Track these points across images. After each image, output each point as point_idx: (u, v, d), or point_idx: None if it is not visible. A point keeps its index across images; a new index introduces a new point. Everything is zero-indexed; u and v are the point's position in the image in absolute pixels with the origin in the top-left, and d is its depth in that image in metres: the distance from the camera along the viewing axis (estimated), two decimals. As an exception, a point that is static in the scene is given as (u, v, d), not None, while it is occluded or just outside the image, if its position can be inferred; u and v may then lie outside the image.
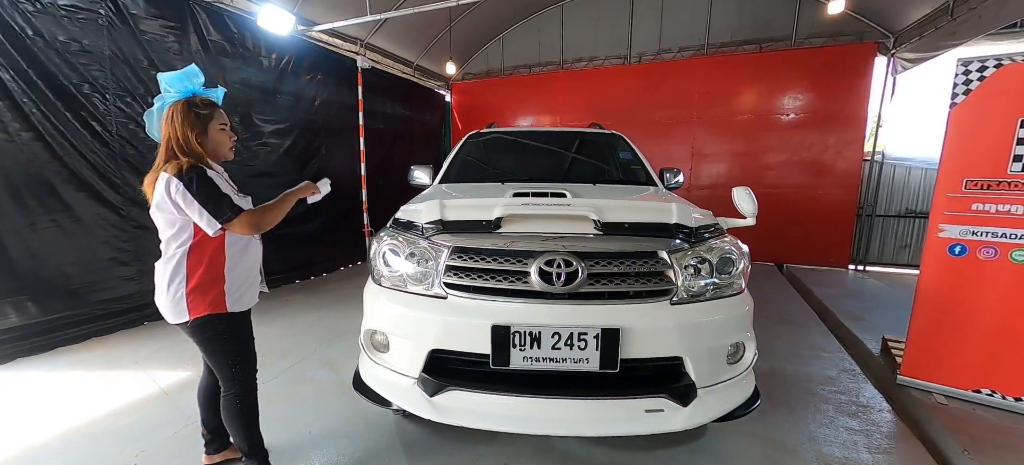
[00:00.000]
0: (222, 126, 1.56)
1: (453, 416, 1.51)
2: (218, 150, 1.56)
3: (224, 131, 1.57)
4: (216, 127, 1.54)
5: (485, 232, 1.61)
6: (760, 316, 3.86)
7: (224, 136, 1.57)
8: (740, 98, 6.25)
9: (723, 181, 6.45)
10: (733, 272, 1.66)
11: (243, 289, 1.55)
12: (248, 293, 1.58)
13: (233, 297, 1.52)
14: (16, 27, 2.94)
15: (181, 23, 3.89)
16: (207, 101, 1.53)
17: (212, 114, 1.52)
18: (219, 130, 1.55)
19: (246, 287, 1.57)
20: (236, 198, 1.50)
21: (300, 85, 5.21)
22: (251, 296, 1.60)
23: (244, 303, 1.57)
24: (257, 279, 1.64)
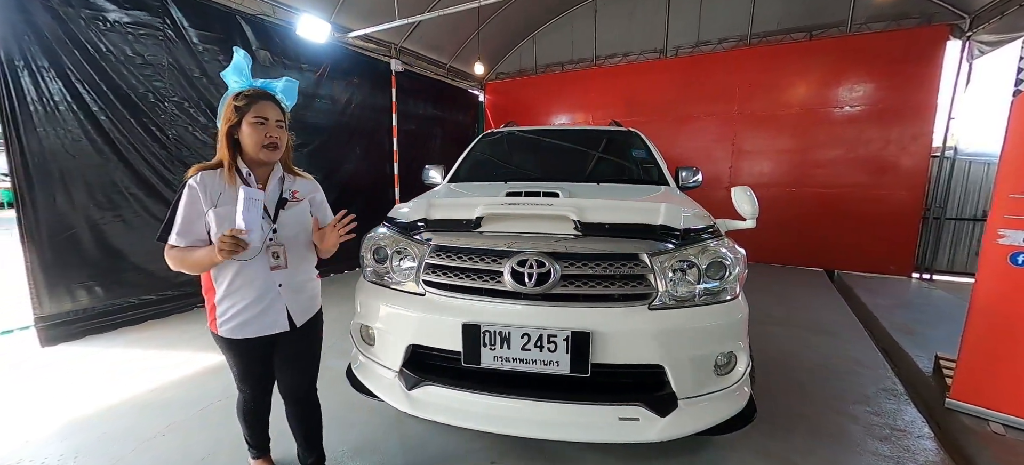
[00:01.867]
0: (257, 120, 1.34)
1: (428, 411, 1.54)
2: (249, 146, 1.36)
3: (260, 126, 1.34)
4: (250, 120, 1.34)
5: (465, 231, 1.63)
6: (794, 325, 3.63)
7: (256, 132, 1.34)
8: (787, 91, 5.81)
9: (767, 180, 6.03)
10: (724, 277, 1.56)
11: (237, 318, 1.39)
12: (247, 323, 1.40)
13: (225, 323, 1.40)
14: (90, 45, 3.35)
15: (228, 35, 4.24)
16: (251, 92, 1.36)
17: (249, 105, 1.34)
18: (252, 124, 1.34)
19: (242, 317, 1.40)
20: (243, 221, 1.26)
21: (336, 89, 5.50)
22: (251, 327, 1.41)
23: (239, 332, 1.41)
24: (264, 312, 1.41)
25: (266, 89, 1.42)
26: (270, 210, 1.41)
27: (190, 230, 1.34)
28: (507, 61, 8.16)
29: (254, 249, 1.34)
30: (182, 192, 1.33)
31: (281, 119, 1.41)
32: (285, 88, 1.46)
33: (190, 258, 1.33)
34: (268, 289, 1.41)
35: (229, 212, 1.32)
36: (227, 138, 1.36)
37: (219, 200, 1.35)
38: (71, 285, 3.31)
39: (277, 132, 1.39)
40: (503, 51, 8.00)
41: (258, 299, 1.40)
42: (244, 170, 1.40)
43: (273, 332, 1.44)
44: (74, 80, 3.27)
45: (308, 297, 1.54)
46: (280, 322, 1.44)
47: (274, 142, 1.38)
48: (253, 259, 1.37)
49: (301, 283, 1.50)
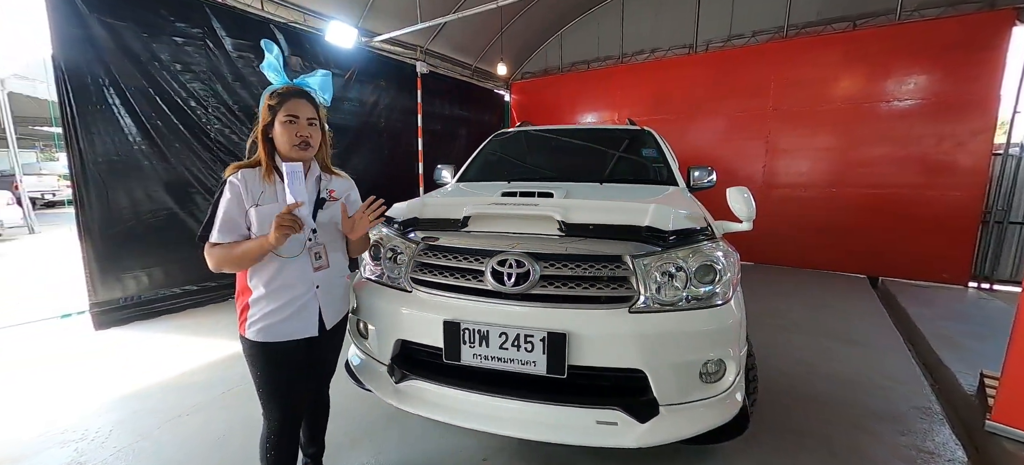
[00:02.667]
0: (288, 119, 1.32)
1: (412, 404, 1.59)
2: (282, 146, 1.35)
3: (291, 124, 1.32)
4: (281, 118, 1.32)
5: (452, 231, 1.66)
6: (822, 334, 3.42)
7: (287, 131, 1.32)
8: (828, 85, 5.44)
9: (805, 180, 5.69)
10: (714, 281, 1.50)
11: (269, 319, 1.34)
12: (279, 325, 1.35)
13: (255, 325, 1.34)
14: (140, 55, 3.66)
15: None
16: (283, 90, 1.35)
17: (281, 104, 1.32)
18: (283, 122, 1.32)
19: (274, 318, 1.34)
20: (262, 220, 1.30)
21: (364, 92, 5.71)
22: (283, 329, 1.35)
23: (270, 334, 1.35)
24: (296, 314, 1.37)
25: (300, 85, 1.39)
26: (311, 210, 1.39)
27: (233, 227, 1.32)
28: (533, 60, 8.16)
29: (307, 228, 1.36)
30: (223, 190, 1.31)
31: (314, 116, 1.37)
32: (320, 84, 1.42)
33: (234, 253, 1.30)
34: (305, 290, 1.38)
35: (271, 210, 1.30)
36: (263, 137, 1.36)
37: (260, 199, 1.34)
38: (121, 275, 3.64)
39: (309, 130, 1.35)
40: (529, 50, 8.00)
41: (293, 301, 1.36)
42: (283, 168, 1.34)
43: (304, 336, 1.39)
44: (125, 88, 3.59)
45: (341, 298, 1.52)
46: (311, 325, 1.40)
47: (305, 140, 1.34)
48: (295, 258, 1.35)
49: (336, 284, 1.49)
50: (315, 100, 1.40)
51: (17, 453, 2.06)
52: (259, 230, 1.32)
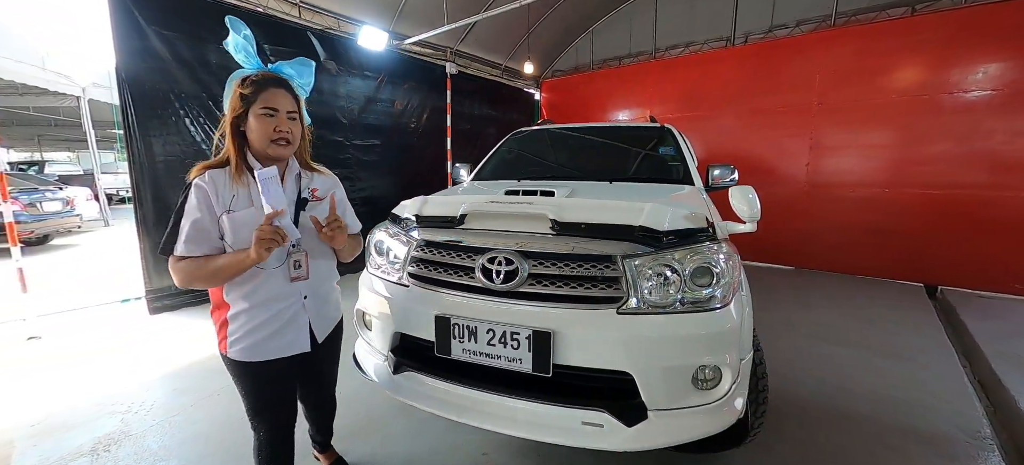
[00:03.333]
0: (265, 111, 1.15)
1: (408, 395, 1.63)
2: (256, 142, 1.18)
3: (268, 118, 1.16)
4: (258, 111, 1.15)
5: (449, 228, 1.69)
6: (864, 346, 3.16)
7: (264, 125, 1.16)
8: (881, 76, 5.02)
9: (854, 179, 5.26)
10: (712, 285, 1.43)
11: (252, 337, 1.22)
12: (263, 343, 1.23)
13: (237, 344, 1.22)
14: (190, 64, 3.98)
15: (299, 48, 4.77)
16: (259, 77, 1.18)
17: (256, 94, 1.16)
18: (259, 115, 1.15)
19: (257, 335, 1.22)
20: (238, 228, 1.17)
21: (395, 93, 5.90)
22: (269, 347, 1.24)
23: (254, 353, 1.23)
24: (283, 330, 1.25)
25: (276, 72, 1.22)
26: (290, 212, 1.22)
27: (202, 237, 1.16)
28: (563, 58, 8.09)
29: (274, 259, 1.18)
30: (188, 194, 1.16)
31: (294, 109, 1.21)
32: (298, 71, 1.26)
33: (206, 268, 1.14)
34: (290, 303, 1.24)
35: (248, 217, 1.16)
36: (233, 131, 1.18)
37: (233, 204, 1.18)
38: (172, 265, 3.98)
39: (289, 124, 1.19)
40: (559, 48, 7.94)
41: (278, 315, 1.23)
42: (256, 167, 1.21)
43: (293, 353, 1.26)
44: (177, 94, 3.92)
45: (332, 307, 1.41)
46: (301, 340, 1.27)
47: (285, 136, 1.19)
48: (274, 269, 1.22)
49: (325, 293, 1.36)
50: (295, 90, 1.25)
51: (73, 420, 2.31)
52: (234, 240, 1.17)
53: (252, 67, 1.23)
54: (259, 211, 1.17)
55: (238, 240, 1.18)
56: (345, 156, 5.32)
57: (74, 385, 2.68)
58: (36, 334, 3.35)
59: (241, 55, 1.22)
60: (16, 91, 9.44)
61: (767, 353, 2.98)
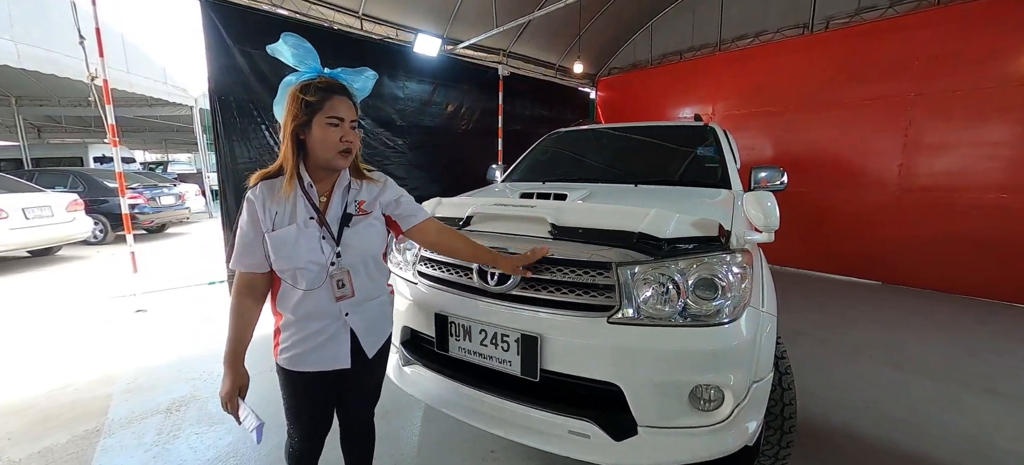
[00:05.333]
0: (332, 121, 1.11)
1: (411, 386, 1.72)
2: (320, 152, 1.13)
3: (334, 127, 1.12)
4: (323, 121, 1.11)
5: (454, 229, 1.74)
6: (957, 380, 2.72)
7: (330, 135, 1.12)
8: (996, 62, 4.22)
9: (960, 183, 4.48)
10: (718, 298, 1.33)
11: (296, 349, 1.21)
12: (304, 356, 1.21)
13: (285, 353, 1.23)
14: (264, 76, 4.48)
15: (360, 58, 5.15)
16: (324, 83, 1.13)
17: (322, 102, 1.11)
18: (324, 125, 1.11)
19: (300, 348, 1.21)
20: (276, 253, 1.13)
21: (449, 96, 6.13)
22: (309, 360, 1.21)
23: (296, 363, 1.22)
24: (323, 345, 1.21)
25: (341, 80, 1.18)
26: (333, 228, 1.18)
27: (249, 253, 1.15)
28: (621, 55, 7.84)
29: (314, 279, 1.16)
30: (242, 208, 1.16)
31: (356, 118, 1.18)
32: (358, 79, 1.22)
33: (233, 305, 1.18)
34: (332, 321, 1.20)
35: (287, 236, 1.13)
36: (293, 139, 1.13)
37: (276, 220, 1.14)
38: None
39: (352, 134, 1.16)
40: (616, 45, 7.71)
41: (320, 331, 1.19)
42: (306, 179, 1.17)
43: (333, 368, 1.22)
44: (255, 104, 4.43)
45: (381, 321, 1.33)
46: (342, 356, 1.23)
47: (350, 147, 1.16)
48: (317, 289, 1.17)
49: (373, 309, 1.28)
50: (355, 98, 1.22)
51: (158, 382, 2.73)
52: (276, 259, 1.14)
53: (311, 72, 1.15)
54: (300, 230, 1.13)
55: (280, 258, 1.13)
56: (398, 157, 5.64)
57: (164, 353, 3.15)
58: (143, 307, 3.99)
59: (296, 55, 1.14)
60: (145, 102, 11.29)
61: (830, 377, 2.69)
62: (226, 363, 1.19)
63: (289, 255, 1.13)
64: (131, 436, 2.24)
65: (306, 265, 1.15)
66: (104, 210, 7.37)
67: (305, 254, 1.14)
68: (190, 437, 2.22)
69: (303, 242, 1.14)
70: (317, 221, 1.17)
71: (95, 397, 2.60)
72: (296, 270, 1.15)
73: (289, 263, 1.14)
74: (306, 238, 1.15)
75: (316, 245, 1.16)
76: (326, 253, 1.17)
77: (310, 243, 1.15)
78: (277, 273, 1.17)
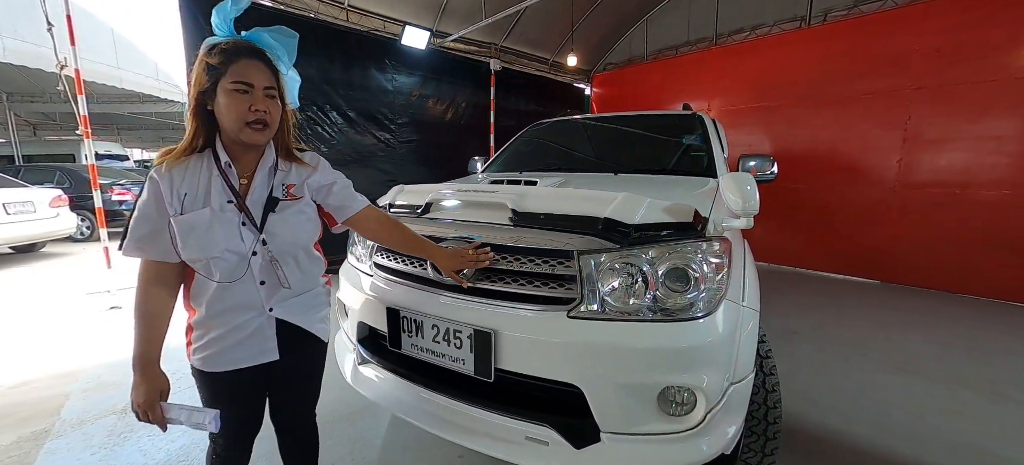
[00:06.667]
0: (238, 87, 0.97)
1: (364, 387, 1.59)
2: (227, 124, 0.99)
3: (241, 94, 0.97)
4: (228, 87, 0.96)
5: (413, 216, 1.61)
6: (962, 383, 2.57)
7: (237, 103, 0.97)
8: (1002, 52, 4.06)
9: (960, 178, 4.34)
10: (689, 290, 1.19)
11: (212, 347, 1.06)
12: (223, 354, 1.07)
13: (198, 353, 1.08)
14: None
15: (347, 51, 5.03)
16: (229, 45, 0.98)
17: (226, 65, 0.97)
18: (230, 91, 0.97)
19: (217, 346, 1.06)
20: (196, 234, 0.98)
21: (440, 90, 6.01)
22: (229, 358, 1.07)
23: (213, 363, 1.07)
24: (247, 340, 1.07)
25: (252, 41, 1.03)
26: (255, 214, 1.04)
27: (150, 240, 1.00)
28: (617, 50, 7.71)
29: (233, 270, 1.02)
30: (143, 188, 1.01)
31: (273, 85, 1.02)
32: (278, 41, 1.06)
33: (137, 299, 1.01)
34: (254, 315, 1.07)
35: (198, 220, 0.98)
36: (197, 109, 1.00)
37: (186, 202, 0.99)
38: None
39: (266, 103, 1.00)
40: (611, 40, 7.58)
41: (241, 326, 1.06)
42: (223, 157, 1.03)
43: (260, 362, 1.10)
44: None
45: (314, 312, 1.18)
46: (269, 349, 1.10)
47: (262, 118, 0.99)
48: (235, 282, 1.03)
49: (302, 301, 1.15)
50: (273, 63, 1.05)
51: (115, 381, 2.62)
52: (184, 247, 0.99)
53: (224, 34, 1.02)
54: (214, 214, 0.99)
55: (189, 246, 0.98)
56: (387, 152, 5.52)
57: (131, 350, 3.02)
58: (117, 304, 3.87)
59: (217, 19, 1.01)
60: (137, 99, 11.19)
61: (826, 379, 2.54)
62: (137, 368, 1.01)
63: (201, 243, 0.99)
64: (80, 437, 2.11)
65: (223, 254, 1.01)
66: (90, 206, 7.25)
67: (221, 242, 1.00)
68: (142, 439, 2.09)
69: (219, 228, 1.00)
70: (236, 205, 1.03)
71: (53, 395, 2.48)
72: (210, 260, 1.01)
73: (201, 252, 1.00)
74: (222, 224, 1.01)
75: (235, 232, 1.02)
76: (247, 241, 1.04)
77: (227, 230, 1.01)
78: (188, 263, 1.03)
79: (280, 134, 1.10)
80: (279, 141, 1.11)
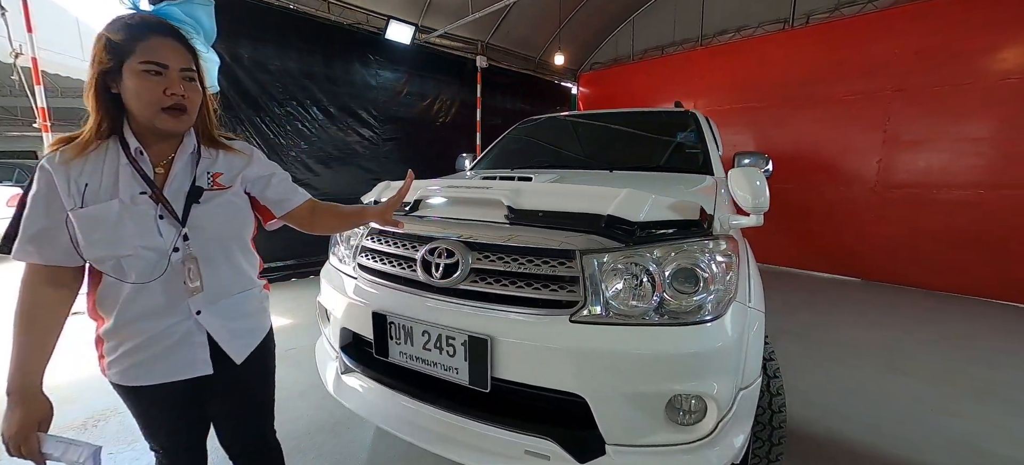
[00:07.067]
0: (149, 68, 0.85)
1: (347, 398, 1.47)
2: (137, 110, 0.88)
3: (154, 76, 0.86)
4: (136, 68, 0.84)
5: (400, 215, 1.51)
6: (949, 381, 2.56)
7: (148, 87, 0.85)
8: (978, 56, 4.18)
9: (939, 179, 4.45)
10: (699, 291, 1.13)
11: (128, 359, 0.93)
12: (142, 368, 0.94)
13: (113, 366, 0.94)
14: (230, 58, 4.17)
15: (330, 45, 4.86)
16: (139, 18, 0.87)
17: (132, 43, 0.85)
18: (141, 74, 0.85)
19: (134, 358, 0.93)
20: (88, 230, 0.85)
21: (425, 87, 5.87)
22: (150, 372, 0.94)
23: (136, 376, 0.94)
24: (171, 350, 0.94)
25: (162, 16, 0.90)
26: (175, 205, 0.92)
27: (44, 240, 0.86)
28: (603, 50, 7.70)
29: (151, 269, 0.89)
30: (32, 180, 0.87)
31: (190, 66, 0.91)
32: (191, 13, 0.94)
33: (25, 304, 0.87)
34: (178, 320, 0.94)
35: (103, 214, 0.86)
36: (97, 93, 0.87)
37: (87, 194, 0.86)
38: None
39: (183, 86, 0.89)
40: (598, 39, 7.56)
41: (162, 335, 0.93)
42: (133, 144, 0.90)
43: (188, 377, 0.97)
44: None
45: (249, 320, 1.06)
46: (199, 362, 0.98)
47: (180, 103, 0.89)
48: (152, 281, 0.90)
49: (236, 304, 1.02)
50: (189, 41, 0.93)
51: (73, 395, 2.41)
52: (88, 245, 0.86)
53: (130, 6, 0.90)
54: (125, 207, 0.87)
55: (94, 243, 0.85)
56: (371, 150, 5.36)
57: (93, 362, 2.82)
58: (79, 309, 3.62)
59: None
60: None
61: (813, 377, 2.53)
62: (13, 391, 0.85)
63: (109, 239, 0.86)
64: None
65: (137, 251, 0.88)
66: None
67: (134, 237, 0.88)
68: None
69: (130, 222, 0.87)
70: (152, 196, 0.91)
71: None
72: (121, 258, 0.88)
73: (110, 249, 0.87)
74: (135, 217, 0.88)
75: (151, 226, 0.90)
76: (167, 236, 0.91)
77: (141, 224, 0.89)
78: (94, 264, 0.90)
79: (201, 120, 0.99)
80: (200, 128, 1.00)
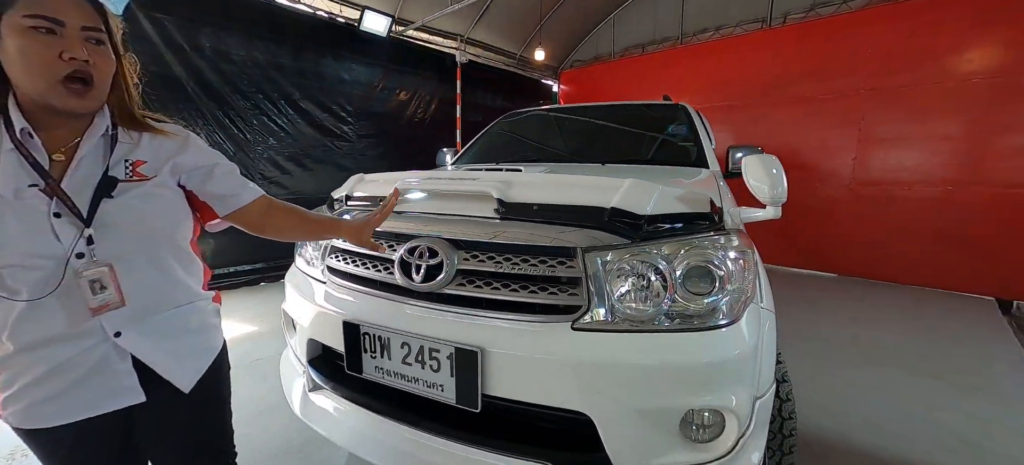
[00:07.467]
0: (37, 24, 0.68)
1: (315, 420, 1.29)
2: (24, 81, 0.71)
3: (46, 35, 0.69)
4: (19, 24, 0.68)
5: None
6: (930, 372, 2.57)
7: (38, 47, 0.68)
8: (947, 57, 4.29)
9: (911, 176, 4.55)
10: (712, 292, 1.01)
11: (28, 395, 0.75)
12: (53, 404, 0.76)
13: (11, 405, 0.76)
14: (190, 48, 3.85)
15: (300, 37, 4.59)
16: None
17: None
18: (27, 31, 0.68)
19: (37, 393, 0.75)
20: None
21: (403, 81, 5.65)
22: (64, 407, 0.77)
23: (36, 418, 0.77)
24: (86, 383, 0.77)
25: None
26: (78, 200, 0.74)
27: None
28: (584, 47, 7.63)
29: (44, 282, 0.72)
30: None
31: (95, 26, 0.73)
32: None
33: None
34: (92, 344, 0.77)
35: None
36: None
37: None
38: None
39: (87, 50, 0.71)
40: (579, 36, 7.50)
41: (72, 361, 0.76)
42: (19, 124, 0.72)
43: (109, 410, 0.79)
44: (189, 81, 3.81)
45: (191, 337, 0.88)
46: (124, 390, 0.80)
47: (83, 71, 0.72)
48: (46, 296, 0.72)
49: (170, 320, 0.84)
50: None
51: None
52: None
53: None
54: (7, 203, 0.70)
55: None
56: (346, 146, 5.11)
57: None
58: None
59: None
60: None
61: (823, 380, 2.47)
62: None
63: None
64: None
65: (22, 260, 0.70)
66: None
67: (18, 241, 0.70)
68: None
69: (13, 222, 0.70)
70: (46, 190, 0.73)
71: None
72: (2, 270, 0.70)
73: None
74: (19, 216, 0.71)
75: (43, 226, 0.72)
76: (65, 239, 0.73)
77: (30, 223, 0.71)
78: None
79: (117, 95, 0.80)
80: (116, 105, 0.81)
